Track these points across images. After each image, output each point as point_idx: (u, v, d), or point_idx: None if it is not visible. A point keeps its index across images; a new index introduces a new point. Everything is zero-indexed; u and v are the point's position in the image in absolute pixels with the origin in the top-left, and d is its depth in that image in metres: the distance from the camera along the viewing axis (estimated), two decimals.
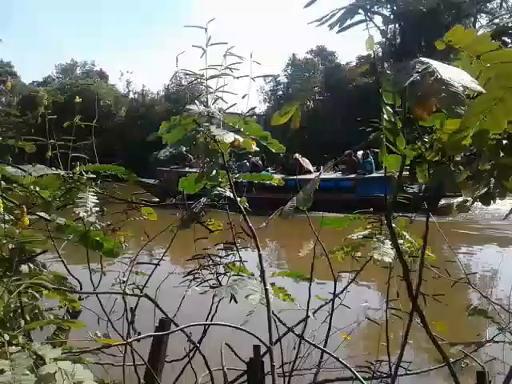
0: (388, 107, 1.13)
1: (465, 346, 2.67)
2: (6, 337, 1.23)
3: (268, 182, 2.52)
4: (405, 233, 2.39)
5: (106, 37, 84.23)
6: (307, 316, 2.11)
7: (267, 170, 18.55)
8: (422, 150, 1.60)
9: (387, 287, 2.46)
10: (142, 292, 2.20)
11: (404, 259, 1.69)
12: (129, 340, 1.82)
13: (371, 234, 2.47)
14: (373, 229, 2.49)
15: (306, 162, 18.66)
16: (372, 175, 16.79)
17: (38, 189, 1.83)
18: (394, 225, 2.22)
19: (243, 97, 2.44)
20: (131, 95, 45.66)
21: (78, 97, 2.98)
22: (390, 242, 2.23)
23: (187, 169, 20.47)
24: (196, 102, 2.05)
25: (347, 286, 2.48)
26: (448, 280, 2.65)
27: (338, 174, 17.81)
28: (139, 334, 2.23)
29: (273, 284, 2.19)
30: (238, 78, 2.32)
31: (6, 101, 41.63)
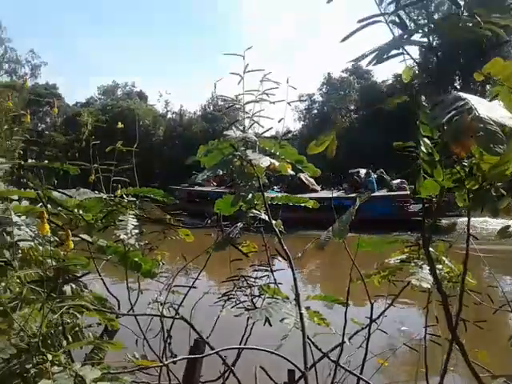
0: (425, 139, 1.12)
1: (507, 378, 2.56)
2: (50, 356, 1.28)
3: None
4: (444, 258, 2.34)
5: (145, 59, 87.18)
6: (343, 341, 2.08)
7: (273, 189, 18.80)
8: (462, 174, 1.57)
9: (426, 312, 2.40)
10: (177, 312, 2.23)
11: (442, 287, 1.65)
12: (165, 362, 1.84)
13: (409, 258, 2.42)
14: (410, 253, 2.45)
15: (311, 182, 18.90)
16: (375, 194, 16.60)
17: (81, 212, 1.91)
18: (432, 249, 2.18)
19: (279, 121, 2.48)
20: (169, 115, 46.88)
21: (120, 122, 3.12)
22: (428, 267, 2.18)
23: (197, 187, 20.86)
24: (233, 126, 2.09)
25: (384, 311, 2.43)
26: (490, 307, 2.56)
27: (341, 193, 17.87)
28: (175, 356, 2.25)
29: (308, 308, 2.18)
30: (273, 103, 2.37)
31: (51, 122, 43.48)
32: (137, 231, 1.93)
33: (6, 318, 1.39)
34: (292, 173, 2.16)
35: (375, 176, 18.38)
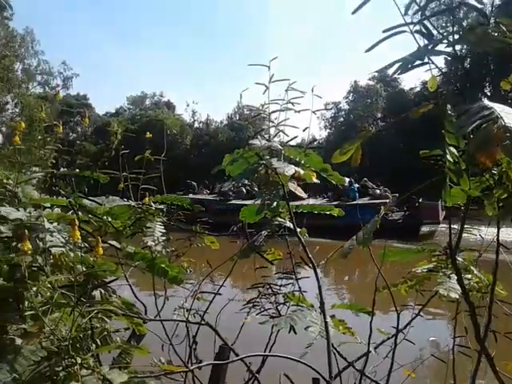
0: (452, 148, 1.11)
1: None
2: (78, 360, 1.32)
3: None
4: (473, 268, 2.29)
5: (173, 70, 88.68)
6: (368, 351, 2.06)
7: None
8: (491, 183, 1.54)
9: (454, 323, 2.35)
10: (203, 318, 2.26)
11: (470, 298, 1.62)
12: (190, 367, 1.87)
13: (436, 267, 2.38)
14: (438, 262, 2.41)
15: (299, 190, 19.59)
16: (359, 202, 17.65)
17: (110, 219, 1.97)
18: (461, 259, 2.14)
19: (304, 130, 2.49)
20: (196, 124, 47.47)
21: (148, 132, 3.19)
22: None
23: (191, 195, 21.32)
24: (258, 136, 2.12)
25: (411, 320, 2.39)
26: None
27: (324, 201, 18.79)
28: (200, 361, 2.27)
29: (333, 316, 2.17)
30: (298, 111, 2.38)
31: (82, 131, 44.63)
32: (164, 238, 1.97)
33: (38, 322, 1.44)
34: (316, 181, 2.16)
35: (357, 185, 19.38)
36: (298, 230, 2.22)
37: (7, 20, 15.82)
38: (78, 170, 2.68)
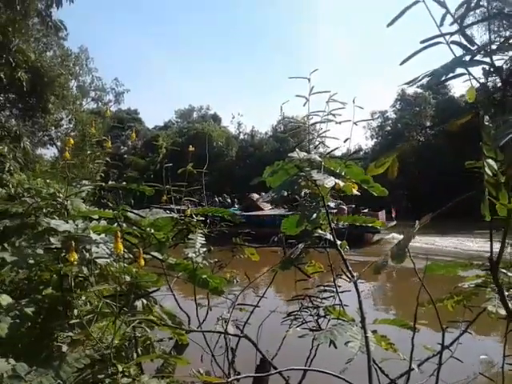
0: (490, 160, 1.07)
1: None
2: (120, 368, 1.36)
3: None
4: None
5: (221, 83, 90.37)
6: (410, 368, 2.00)
7: (235, 207, 20.82)
8: None
9: (504, 340, 2.24)
10: (241, 331, 2.27)
11: None
12: (229, 379, 1.88)
13: (485, 282, 2.28)
14: (486, 277, 2.31)
15: (260, 202, 20.53)
16: None
17: (152, 231, 2.03)
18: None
19: (345, 141, 2.47)
20: (241, 136, 48.06)
21: (194, 144, 3.28)
22: (507, 293, 2.04)
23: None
24: (297, 148, 2.12)
25: (458, 337, 2.30)
26: None
27: (282, 211, 19.06)
28: (239, 373, 2.28)
29: (374, 331, 2.12)
30: (339, 123, 2.37)
31: (132, 144, 46.19)
32: (205, 250, 2.01)
33: (83, 330, 1.50)
34: (357, 193, 2.14)
35: None
36: (339, 242, 2.21)
37: (62, 40, 16.76)
38: (124, 183, 2.78)
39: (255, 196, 19.93)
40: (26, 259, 1.73)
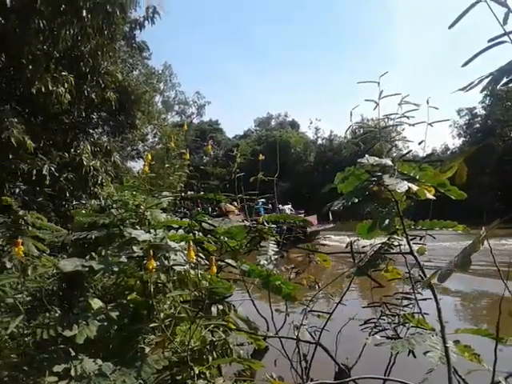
0: None
1: None
2: (196, 370, 1.43)
3: None
4: None
5: (298, 88, 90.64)
6: (493, 380, 1.87)
7: (209, 214, 20.95)
8: None
9: None
10: (313, 337, 2.27)
11: None
12: None
13: None
14: None
15: (231, 209, 19.98)
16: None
17: (226, 239, 2.11)
18: None
19: (419, 143, 2.40)
20: (319, 141, 47.79)
21: (266, 153, 3.36)
22: None
23: None
24: (366, 154, 2.10)
25: None
26: None
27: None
28: (312, 379, 2.28)
29: (457, 341, 2.02)
30: (413, 125, 2.31)
31: (214, 154, 47.82)
32: (276, 257, 2.05)
33: (163, 334, 1.60)
34: (431, 197, 2.05)
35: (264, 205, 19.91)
36: (415, 248, 2.13)
37: (146, 59, 17.87)
38: (202, 193, 2.92)
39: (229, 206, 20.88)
40: (111, 267, 1.88)
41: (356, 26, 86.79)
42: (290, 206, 21.90)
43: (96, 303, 2.03)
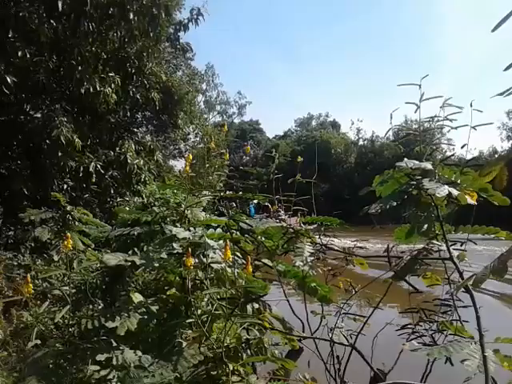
0: None
1: None
2: (231, 367, 1.47)
3: None
4: None
5: (340, 89, 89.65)
6: None
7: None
8: None
9: None
10: (347, 340, 2.26)
11: None
12: None
13: None
14: None
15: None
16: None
17: (263, 239, 2.14)
18: None
19: (462, 147, 2.35)
20: (361, 142, 47.10)
21: (305, 154, 3.37)
22: None
23: None
24: (405, 158, 2.08)
25: None
26: None
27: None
28: (345, 382, 2.28)
29: (496, 350, 1.97)
30: (456, 128, 2.27)
31: (254, 154, 48.08)
32: (312, 259, 2.06)
33: (199, 329, 1.65)
34: (473, 202, 2.01)
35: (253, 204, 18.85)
36: (455, 254, 2.09)
37: (190, 60, 18.17)
38: (240, 193, 2.96)
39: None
40: (153, 262, 1.95)
41: (397, 27, 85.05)
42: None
43: (137, 297, 2.11)
